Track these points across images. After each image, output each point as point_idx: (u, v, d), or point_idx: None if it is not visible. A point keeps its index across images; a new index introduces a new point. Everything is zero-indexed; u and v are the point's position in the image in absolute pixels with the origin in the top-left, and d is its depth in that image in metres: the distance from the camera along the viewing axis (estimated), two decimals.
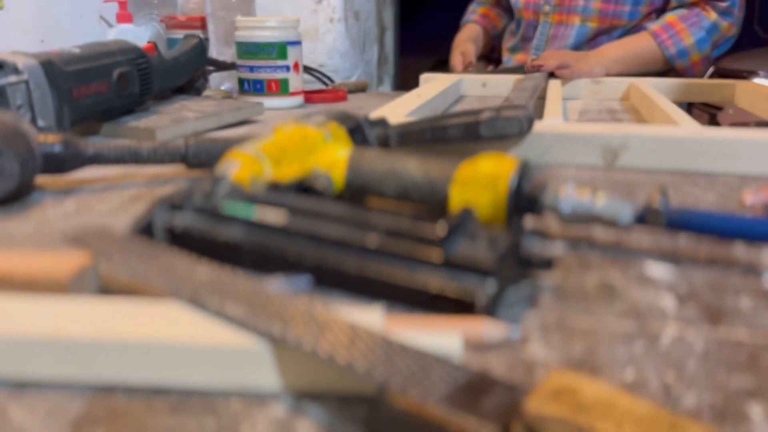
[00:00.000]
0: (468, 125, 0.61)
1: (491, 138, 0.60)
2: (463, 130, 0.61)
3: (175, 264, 0.32)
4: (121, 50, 0.79)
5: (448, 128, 0.61)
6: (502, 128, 0.60)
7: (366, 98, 1.20)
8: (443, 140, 0.62)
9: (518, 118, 0.60)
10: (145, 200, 0.53)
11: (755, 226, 0.38)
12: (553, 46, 1.33)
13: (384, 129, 0.64)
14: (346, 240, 0.35)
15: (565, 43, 1.32)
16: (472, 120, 0.61)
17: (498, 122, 0.60)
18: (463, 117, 0.61)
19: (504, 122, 0.60)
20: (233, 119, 0.86)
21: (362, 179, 0.48)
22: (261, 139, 0.49)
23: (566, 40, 1.32)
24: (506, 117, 0.60)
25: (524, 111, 0.61)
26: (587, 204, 0.41)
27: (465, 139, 0.61)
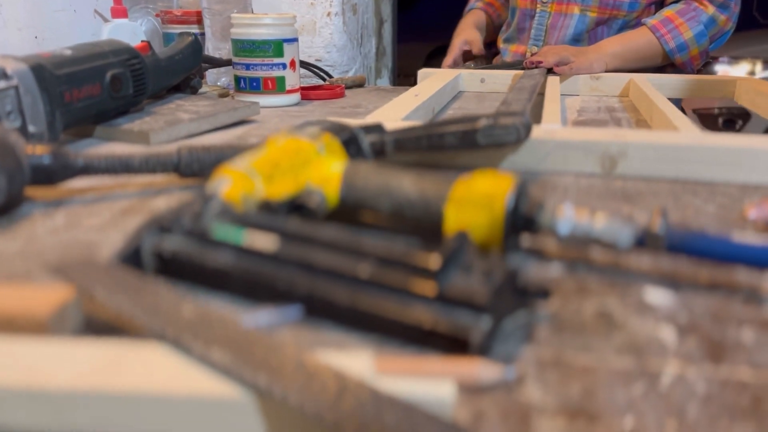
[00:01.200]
0: (465, 133, 0.60)
1: (488, 146, 0.59)
2: (459, 138, 0.60)
3: (161, 299, 0.31)
4: (114, 51, 0.77)
5: (445, 136, 0.60)
6: (499, 136, 0.59)
7: (364, 94, 1.18)
8: (440, 148, 0.61)
9: (515, 126, 0.59)
10: (137, 213, 0.52)
11: (758, 252, 0.37)
12: (551, 37, 1.32)
13: (380, 136, 0.63)
14: (338, 270, 0.35)
15: (565, 33, 1.30)
16: (469, 128, 0.59)
17: (495, 130, 0.59)
18: (459, 124, 0.60)
19: (501, 130, 0.59)
20: (229, 120, 0.85)
21: (356, 195, 0.47)
22: (253, 152, 0.48)
23: (565, 31, 1.30)
24: (503, 125, 0.59)
25: (521, 118, 0.60)
26: (585, 225, 0.40)
27: (462, 146, 0.60)
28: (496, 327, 0.32)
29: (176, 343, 0.28)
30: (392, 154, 0.62)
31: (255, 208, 0.44)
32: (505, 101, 0.83)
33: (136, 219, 0.51)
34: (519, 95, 0.84)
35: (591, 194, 0.57)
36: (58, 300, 0.31)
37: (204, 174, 0.58)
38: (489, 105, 1.06)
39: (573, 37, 1.29)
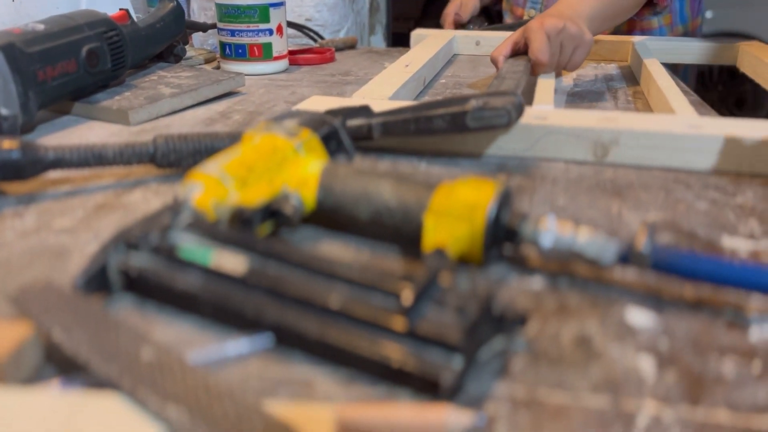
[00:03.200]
0: (454, 116, 0.58)
1: (478, 129, 0.57)
2: (449, 122, 0.58)
3: (120, 340, 0.30)
4: (90, 24, 0.74)
5: (433, 119, 0.58)
6: (490, 119, 0.57)
7: (355, 57, 1.15)
8: (428, 132, 0.59)
9: (506, 108, 0.56)
10: (111, 209, 0.51)
11: (745, 274, 0.36)
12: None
13: (366, 119, 0.60)
14: (308, 299, 0.33)
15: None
16: (458, 110, 0.57)
17: (485, 112, 0.57)
18: (448, 107, 0.58)
19: (491, 112, 0.57)
20: (212, 93, 0.82)
21: (334, 200, 0.45)
22: (227, 153, 0.46)
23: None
24: (494, 107, 0.57)
25: (513, 98, 0.57)
26: (569, 240, 0.39)
27: (451, 130, 0.58)
28: (468, 365, 0.31)
29: (132, 394, 0.27)
30: (379, 139, 0.60)
31: (227, 216, 0.43)
32: (499, 75, 0.80)
33: (110, 217, 0.49)
34: (513, 71, 0.81)
35: (580, 186, 0.55)
36: (15, 340, 0.30)
37: (181, 164, 0.56)
38: (483, 71, 1.03)
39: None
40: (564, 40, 0.84)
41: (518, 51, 0.88)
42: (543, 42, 0.83)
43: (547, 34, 0.83)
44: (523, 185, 0.56)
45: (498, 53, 0.88)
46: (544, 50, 0.83)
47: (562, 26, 0.83)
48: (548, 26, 0.83)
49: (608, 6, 0.94)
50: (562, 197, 0.53)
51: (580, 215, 0.50)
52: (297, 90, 0.90)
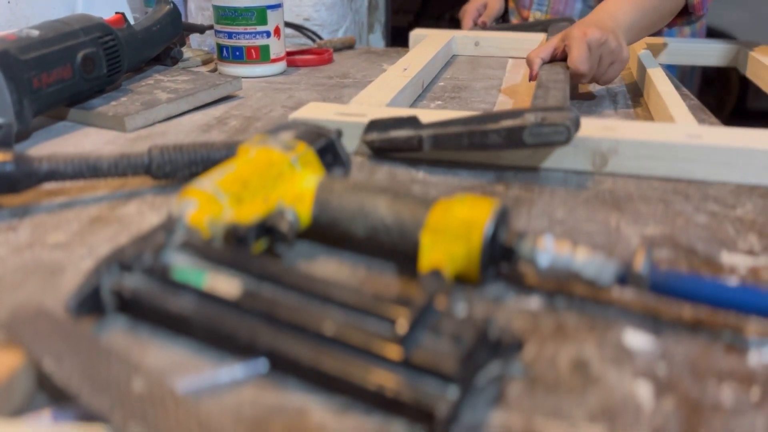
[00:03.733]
0: (510, 131, 0.57)
1: (535, 146, 0.56)
2: (504, 137, 0.57)
3: (112, 370, 0.29)
4: (85, 29, 0.74)
5: (489, 134, 0.57)
6: (548, 135, 0.56)
7: (353, 58, 1.14)
8: (482, 146, 0.58)
9: (565, 125, 0.55)
10: (106, 223, 0.50)
11: (743, 297, 0.36)
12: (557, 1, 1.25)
13: (416, 131, 0.60)
14: (302, 324, 0.33)
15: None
16: (516, 126, 0.56)
17: (543, 129, 0.55)
18: (504, 121, 0.57)
19: (550, 129, 0.55)
20: (209, 98, 0.82)
21: (329, 216, 0.45)
22: (222, 168, 0.46)
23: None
24: (553, 123, 0.55)
25: (571, 114, 0.56)
26: (566, 260, 0.39)
27: (507, 146, 0.57)
28: (464, 394, 0.31)
29: (123, 429, 0.26)
30: (429, 151, 0.60)
31: (222, 233, 0.42)
32: (541, 84, 0.76)
33: (105, 231, 0.49)
34: (554, 76, 0.77)
35: (579, 198, 0.55)
36: (6, 370, 0.29)
37: (177, 175, 0.56)
38: (482, 72, 1.02)
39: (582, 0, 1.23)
40: (604, 53, 0.82)
41: (555, 57, 0.85)
42: (585, 52, 0.81)
43: (589, 45, 0.81)
44: (521, 197, 0.56)
45: (536, 55, 0.85)
46: (584, 61, 0.80)
47: (605, 39, 0.81)
48: (591, 37, 0.81)
49: (647, 16, 0.93)
50: (560, 210, 0.53)
51: (578, 229, 0.50)
52: (294, 94, 0.89)
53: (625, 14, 0.90)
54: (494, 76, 0.99)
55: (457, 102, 0.85)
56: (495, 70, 1.03)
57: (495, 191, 0.57)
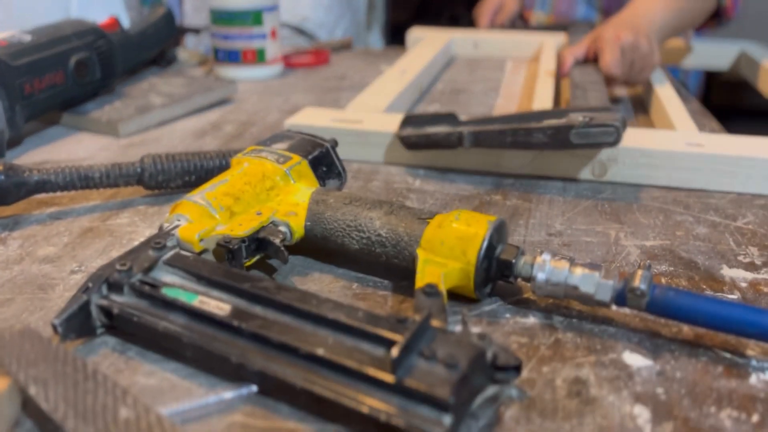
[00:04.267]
0: (557, 131, 0.55)
1: (581, 146, 0.55)
2: (550, 136, 0.55)
3: (98, 397, 0.29)
4: (78, 33, 0.73)
5: (533, 132, 0.56)
6: (596, 136, 0.54)
7: (351, 59, 1.13)
8: (525, 146, 0.57)
9: (615, 125, 0.54)
10: (97, 235, 0.49)
11: (745, 319, 0.35)
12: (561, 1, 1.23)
13: (454, 127, 0.59)
14: (294, 346, 0.32)
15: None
16: (563, 125, 0.55)
17: (592, 129, 0.54)
18: (548, 120, 0.56)
19: (598, 129, 0.54)
20: (204, 102, 0.81)
21: (323, 230, 0.44)
22: (215, 181, 0.45)
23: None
24: (602, 123, 0.54)
25: (619, 115, 0.55)
26: (564, 276, 0.38)
27: (551, 146, 0.56)
28: (459, 419, 0.30)
29: None
30: (469, 148, 0.58)
31: (214, 247, 0.41)
32: (577, 85, 0.74)
33: (96, 244, 0.48)
34: (589, 77, 0.76)
35: (578, 208, 0.54)
36: None
37: (169, 185, 0.55)
38: (481, 74, 1.01)
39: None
40: (636, 57, 0.81)
41: (587, 57, 0.84)
42: (617, 56, 0.79)
43: (622, 48, 0.80)
44: (519, 206, 0.55)
45: (570, 54, 0.83)
46: (617, 65, 0.79)
47: (638, 44, 0.80)
48: (624, 41, 0.80)
49: (679, 15, 0.92)
50: (558, 220, 0.52)
51: (577, 241, 0.49)
52: (291, 97, 0.88)
53: (658, 14, 0.89)
54: (493, 79, 0.98)
55: (456, 106, 0.84)
56: (494, 72, 1.03)
57: (493, 200, 0.56)
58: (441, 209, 0.54)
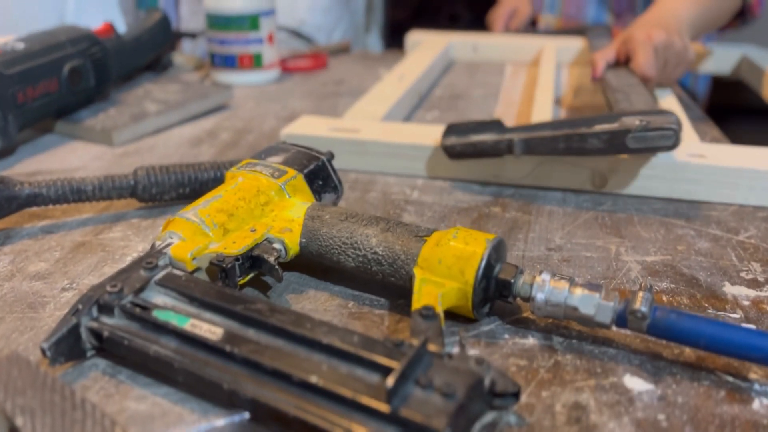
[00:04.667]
0: (613, 135, 0.53)
1: (638, 151, 0.53)
2: (605, 141, 0.54)
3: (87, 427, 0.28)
4: (72, 40, 0.72)
5: (588, 138, 0.54)
6: (653, 140, 0.53)
7: (349, 63, 1.12)
8: (579, 152, 0.55)
9: (673, 128, 0.52)
10: (90, 250, 0.49)
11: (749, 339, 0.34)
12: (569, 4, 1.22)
13: (501, 134, 0.57)
14: (287, 372, 0.32)
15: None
16: (619, 129, 0.53)
17: (649, 133, 0.52)
18: (602, 125, 0.54)
19: (656, 133, 0.52)
20: (199, 109, 0.80)
21: (319, 247, 0.43)
22: (209, 197, 0.44)
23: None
24: (659, 127, 0.52)
25: (674, 117, 0.54)
26: (563, 298, 0.37)
27: (607, 151, 0.54)
28: None
29: None
30: (520, 156, 0.57)
31: (207, 265, 0.41)
32: (616, 89, 0.72)
33: (88, 259, 0.47)
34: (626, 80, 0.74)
35: (578, 221, 0.54)
36: None
37: (163, 197, 0.54)
38: (480, 79, 1.00)
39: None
40: (669, 56, 0.79)
41: (617, 60, 0.82)
42: (651, 57, 0.77)
43: (655, 48, 0.77)
44: (519, 219, 0.54)
45: (601, 57, 0.81)
46: (652, 66, 0.77)
47: (671, 42, 0.78)
48: (657, 41, 0.77)
49: (705, 14, 0.89)
50: (558, 234, 0.51)
51: (577, 256, 0.48)
52: (288, 103, 0.87)
53: (684, 12, 0.86)
54: (492, 84, 0.98)
55: (455, 112, 0.83)
56: (493, 77, 1.02)
57: (492, 213, 0.55)
58: (439, 222, 0.53)
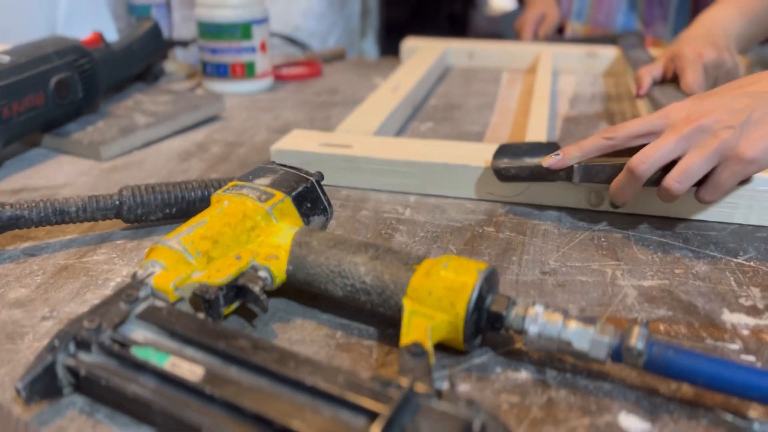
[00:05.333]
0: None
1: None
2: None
3: None
4: (59, 52, 0.70)
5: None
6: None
7: (343, 70, 1.11)
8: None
9: None
10: (72, 275, 0.47)
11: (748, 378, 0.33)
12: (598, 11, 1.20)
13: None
14: (269, 417, 0.30)
15: (616, 7, 1.19)
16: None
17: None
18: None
19: None
20: (190, 121, 0.79)
21: (306, 275, 0.42)
22: (193, 222, 0.43)
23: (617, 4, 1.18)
24: None
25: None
26: (557, 331, 0.36)
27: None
28: None
29: None
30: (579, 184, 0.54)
31: (190, 295, 0.39)
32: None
33: (70, 285, 0.46)
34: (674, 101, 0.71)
35: (573, 242, 0.52)
36: None
37: (149, 218, 0.53)
38: (476, 87, 0.99)
39: (628, 3, 1.18)
40: (720, 75, 0.75)
41: (664, 77, 0.79)
42: (701, 76, 0.73)
43: (705, 67, 0.74)
44: (513, 240, 0.53)
45: (646, 72, 0.78)
46: (701, 85, 0.73)
47: (722, 60, 0.75)
48: (707, 59, 0.74)
49: (753, 27, 0.85)
50: (553, 257, 0.50)
51: (572, 281, 0.47)
52: (281, 113, 0.86)
53: (734, 25, 0.82)
54: (488, 92, 0.96)
55: (449, 123, 0.82)
56: (489, 85, 1.01)
57: (485, 233, 0.54)
58: (431, 243, 0.52)
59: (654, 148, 0.49)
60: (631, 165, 0.49)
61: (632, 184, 0.50)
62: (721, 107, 0.49)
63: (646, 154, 0.49)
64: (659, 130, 0.50)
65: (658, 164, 0.49)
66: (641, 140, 0.51)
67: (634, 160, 0.49)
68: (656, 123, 0.50)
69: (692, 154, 0.48)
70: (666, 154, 0.48)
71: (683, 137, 0.48)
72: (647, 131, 0.51)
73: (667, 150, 0.48)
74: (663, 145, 0.48)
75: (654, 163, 0.48)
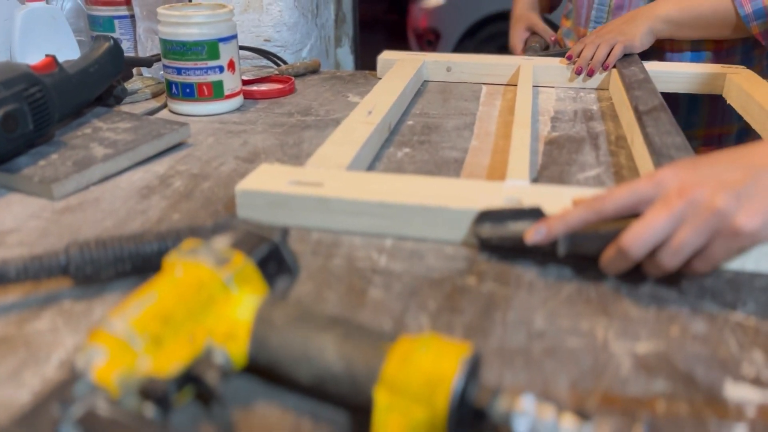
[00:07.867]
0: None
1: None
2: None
3: None
4: (5, 82, 0.65)
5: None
6: None
7: (317, 85, 1.06)
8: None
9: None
10: (10, 348, 0.43)
11: None
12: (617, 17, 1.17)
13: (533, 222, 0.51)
14: None
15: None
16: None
17: None
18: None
19: None
20: (152, 151, 0.74)
21: (269, 358, 0.38)
22: (141, 298, 0.38)
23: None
24: None
25: None
26: (549, 427, 0.32)
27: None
28: None
29: None
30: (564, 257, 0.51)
31: (136, 390, 0.35)
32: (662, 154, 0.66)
33: (7, 362, 0.41)
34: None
35: (560, 296, 0.49)
36: None
37: (100, 275, 0.48)
38: (454, 105, 0.95)
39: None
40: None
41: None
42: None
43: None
44: (496, 293, 0.49)
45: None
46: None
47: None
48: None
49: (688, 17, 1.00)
50: (539, 315, 0.46)
51: (561, 345, 0.43)
52: (250, 138, 0.81)
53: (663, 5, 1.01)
54: (467, 110, 0.93)
55: (427, 148, 0.78)
56: (468, 102, 0.97)
57: (466, 286, 0.50)
58: (408, 299, 0.48)
59: (646, 227, 0.46)
60: (623, 245, 0.46)
61: (624, 263, 0.48)
62: (714, 178, 0.46)
63: (638, 233, 0.46)
64: (650, 199, 0.47)
65: (651, 244, 0.46)
66: (631, 211, 0.48)
67: (626, 240, 0.46)
68: (646, 192, 0.47)
69: (685, 230, 0.45)
70: (659, 232, 0.45)
71: (675, 214, 0.45)
72: (637, 201, 0.47)
73: (661, 229, 0.45)
74: (655, 223, 0.45)
75: (647, 243, 0.46)
